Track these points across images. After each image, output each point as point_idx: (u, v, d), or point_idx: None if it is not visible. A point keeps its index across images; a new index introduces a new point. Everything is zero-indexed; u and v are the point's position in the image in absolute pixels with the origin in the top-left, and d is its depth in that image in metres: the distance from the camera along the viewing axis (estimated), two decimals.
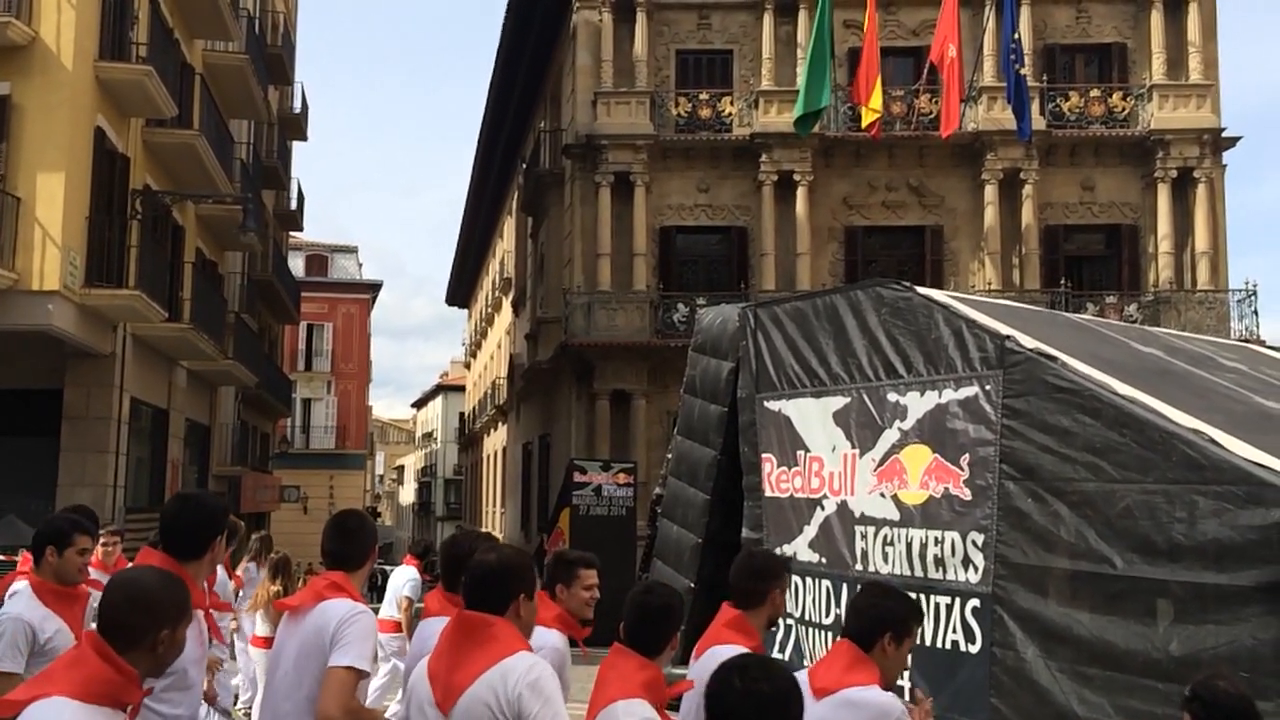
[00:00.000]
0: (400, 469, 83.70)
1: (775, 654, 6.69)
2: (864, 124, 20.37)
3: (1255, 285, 21.25)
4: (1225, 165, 22.15)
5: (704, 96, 22.36)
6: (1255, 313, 20.96)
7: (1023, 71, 19.71)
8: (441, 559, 4.24)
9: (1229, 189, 22.27)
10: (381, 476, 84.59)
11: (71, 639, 3.81)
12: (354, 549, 3.67)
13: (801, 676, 3.40)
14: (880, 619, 3.29)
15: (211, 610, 4.08)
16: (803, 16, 22.09)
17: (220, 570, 6.99)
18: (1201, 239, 21.51)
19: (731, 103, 22.32)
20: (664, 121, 22.20)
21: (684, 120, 22.28)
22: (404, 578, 9.12)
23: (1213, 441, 4.26)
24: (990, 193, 21.70)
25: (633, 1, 22.24)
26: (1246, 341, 14.64)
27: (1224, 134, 21.83)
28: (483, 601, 2.96)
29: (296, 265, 43.79)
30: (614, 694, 3.07)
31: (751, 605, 3.95)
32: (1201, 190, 21.54)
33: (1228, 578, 4.06)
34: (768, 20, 22.24)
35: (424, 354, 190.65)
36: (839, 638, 3.41)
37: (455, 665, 2.86)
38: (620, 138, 21.80)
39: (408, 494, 78.65)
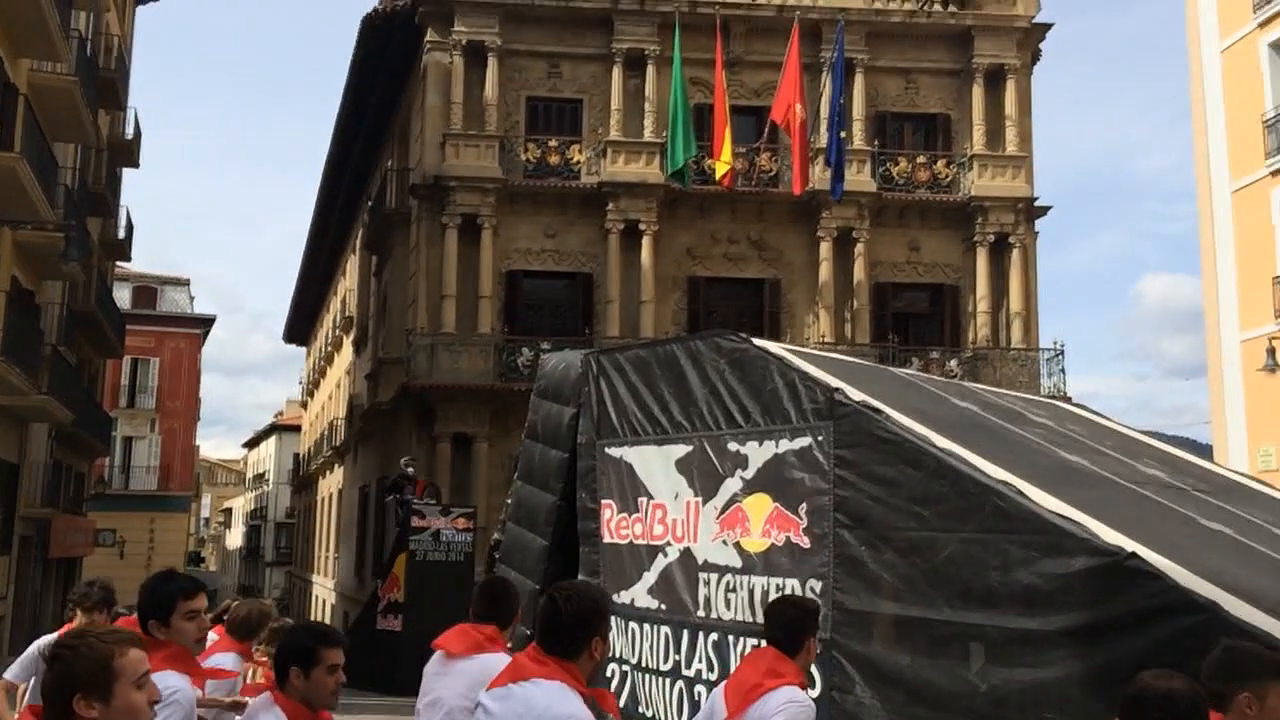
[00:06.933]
0: (228, 511, 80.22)
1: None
2: (717, 176, 21.20)
3: (1063, 345, 22.80)
4: (1037, 232, 23.72)
5: (553, 143, 22.59)
6: (1063, 370, 22.43)
7: (843, 135, 20.91)
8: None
9: (1041, 254, 23.89)
10: (207, 519, 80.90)
11: None
12: (501, 611, 4.39)
13: None
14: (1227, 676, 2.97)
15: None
16: (651, 70, 22.66)
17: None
18: (1015, 300, 22.91)
19: (580, 151, 22.63)
20: (513, 166, 22.30)
21: (533, 166, 22.44)
22: None
23: (1020, 493, 4.53)
24: (825, 249, 22.60)
25: (484, 46, 22.35)
26: (1054, 398, 15.64)
27: (1036, 203, 23.39)
28: None
29: (123, 297, 41.74)
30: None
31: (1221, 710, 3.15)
32: (1016, 255, 22.98)
33: (1037, 623, 4.30)
34: (617, 72, 22.70)
35: (259, 392, 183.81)
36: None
37: None
38: (468, 180, 21.78)
39: (235, 538, 75.37)
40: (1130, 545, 4.11)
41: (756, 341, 6.28)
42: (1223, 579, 3.99)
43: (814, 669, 5.35)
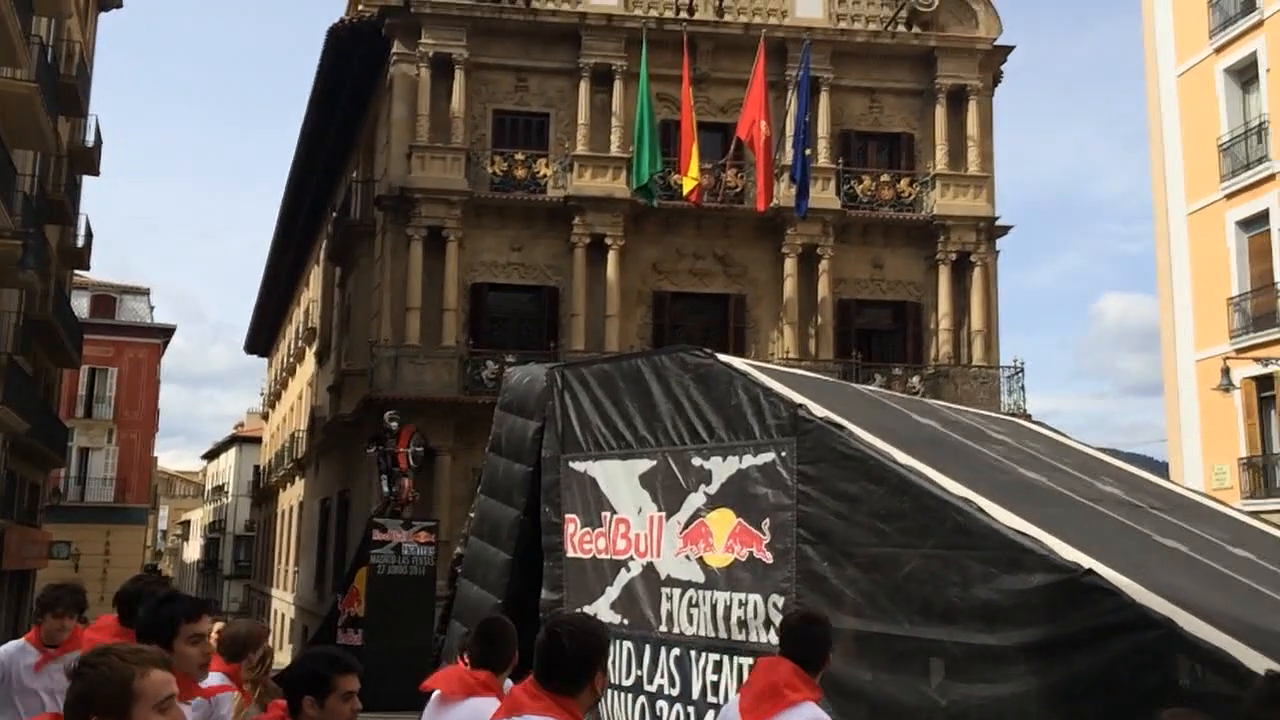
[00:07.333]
0: (186, 524, 79.21)
1: None
2: (685, 191, 21.30)
3: (1023, 363, 23.10)
4: (998, 251, 23.99)
5: (520, 157, 22.58)
6: (1022, 388, 22.68)
7: (808, 153, 21.10)
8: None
9: (1001, 273, 24.16)
10: (165, 532, 79.84)
11: None
12: (499, 654, 4.24)
13: None
14: None
15: None
16: (618, 85, 22.73)
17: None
18: (977, 318, 23.15)
19: (547, 165, 22.63)
20: (479, 179, 22.27)
21: (499, 179, 22.42)
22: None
23: (980, 510, 4.58)
24: (790, 265, 22.73)
25: (451, 59, 22.33)
26: (1013, 415, 15.79)
27: (997, 222, 23.67)
28: None
29: (81, 305, 41.13)
30: None
31: None
32: (977, 273, 23.23)
33: (996, 639, 4.35)
34: (584, 87, 22.75)
35: (220, 403, 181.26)
36: None
37: None
38: (434, 192, 21.71)
39: (193, 550, 74.40)
40: (1087, 562, 4.16)
41: (721, 357, 6.31)
42: (1178, 595, 4.05)
43: None
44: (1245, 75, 23.21)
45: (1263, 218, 22.26)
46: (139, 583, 4.62)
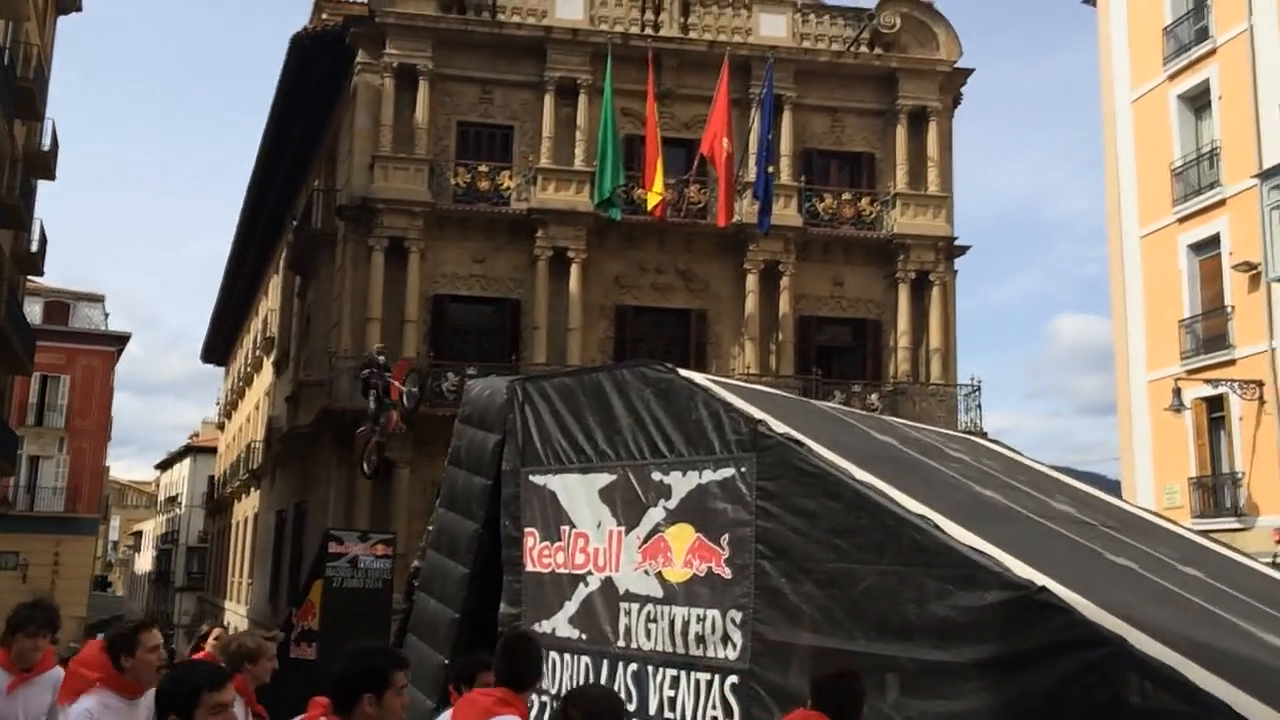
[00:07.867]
0: (138, 534, 77.96)
1: None
2: (649, 206, 21.38)
3: (980, 381, 23.38)
4: (956, 271, 24.27)
5: (483, 169, 22.55)
6: (979, 406, 22.95)
7: (770, 170, 21.29)
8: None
9: (960, 292, 24.43)
10: (116, 543, 78.58)
11: None
12: (524, 673, 4.24)
13: None
14: None
15: None
16: (582, 99, 22.79)
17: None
18: (935, 336, 23.39)
19: (510, 177, 22.62)
20: (442, 190, 22.20)
21: (462, 191, 22.37)
22: None
23: (936, 527, 4.61)
24: (751, 281, 22.85)
25: (415, 70, 22.28)
26: (970, 433, 15.94)
27: (956, 242, 23.95)
28: None
29: (34, 312, 40.47)
30: None
31: None
32: (936, 292, 23.49)
33: (951, 655, 4.37)
34: (549, 100, 22.78)
35: (175, 412, 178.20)
36: None
37: None
38: (396, 203, 21.63)
39: (145, 562, 73.21)
40: (1041, 579, 4.20)
41: (682, 372, 6.31)
42: (1128, 613, 4.10)
43: (732, 700, 5.38)
44: (1198, 102, 23.67)
45: (1214, 241, 22.68)
46: (127, 626, 4.52)
